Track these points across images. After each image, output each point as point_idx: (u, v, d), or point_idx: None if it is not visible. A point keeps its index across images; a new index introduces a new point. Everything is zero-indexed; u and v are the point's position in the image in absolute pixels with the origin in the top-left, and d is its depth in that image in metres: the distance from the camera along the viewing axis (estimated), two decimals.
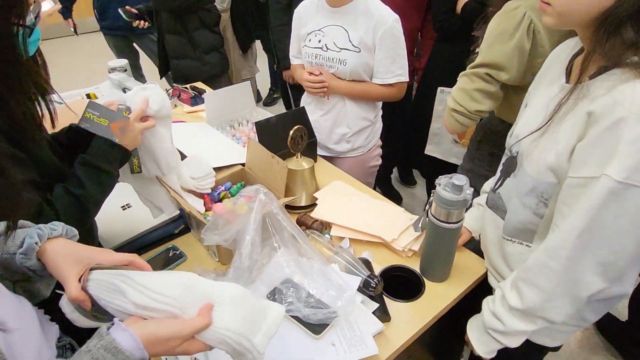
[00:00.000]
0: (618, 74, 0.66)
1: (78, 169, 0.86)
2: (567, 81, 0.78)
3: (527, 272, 0.78)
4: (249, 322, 0.59)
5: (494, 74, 1.16)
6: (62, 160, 0.89)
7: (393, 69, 1.45)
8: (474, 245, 1.11)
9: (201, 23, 2.29)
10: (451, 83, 1.35)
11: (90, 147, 0.90)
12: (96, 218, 1.01)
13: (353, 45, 1.43)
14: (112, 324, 0.54)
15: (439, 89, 1.99)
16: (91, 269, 0.60)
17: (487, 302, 0.87)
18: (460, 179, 0.89)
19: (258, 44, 3.11)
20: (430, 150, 2.19)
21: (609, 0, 0.65)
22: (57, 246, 0.62)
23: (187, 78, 2.32)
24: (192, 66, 2.35)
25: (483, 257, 1.11)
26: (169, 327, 0.55)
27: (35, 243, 0.61)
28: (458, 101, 1.23)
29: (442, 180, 0.91)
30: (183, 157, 1.19)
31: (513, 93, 1.23)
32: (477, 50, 1.23)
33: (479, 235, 1.06)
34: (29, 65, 0.80)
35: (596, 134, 0.66)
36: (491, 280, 0.98)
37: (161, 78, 2.73)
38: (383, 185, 2.66)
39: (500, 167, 0.93)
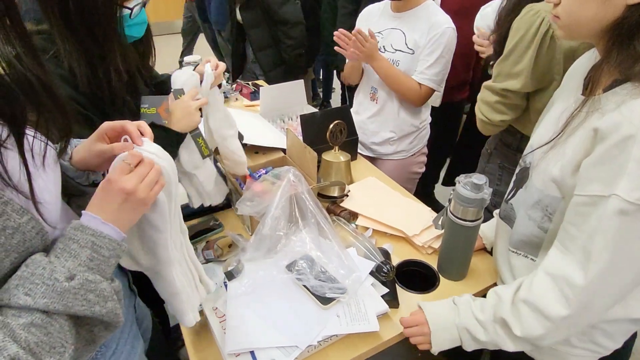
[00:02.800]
0: (629, 88, 0.64)
1: None
2: (584, 93, 0.76)
3: (533, 295, 0.73)
4: None
5: (510, 86, 1.10)
6: None
7: (427, 71, 1.49)
8: None
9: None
10: None
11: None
12: None
13: (408, 47, 1.49)
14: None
15: None
16: None
17: (469, 304, 0.84)
18: (480, 179, 0.91)
19: None
20: None
21: (616, 11, 0.64)
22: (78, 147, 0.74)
23: (273, 63, 2.45)
24: (274, 53, 2.46)
25: None
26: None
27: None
28: (483, 112, 1.19)
29: (462, 179, 0.94)
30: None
31: (529, 103, 1.16)
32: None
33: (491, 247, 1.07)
34: (128, 48, 0.94)
35: (603, 150, 0.64)
36: None
37: (235, 80, 2.94)
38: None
39: (514, 178, 0.93)
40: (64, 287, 0.52)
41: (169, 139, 0.95)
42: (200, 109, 1.00)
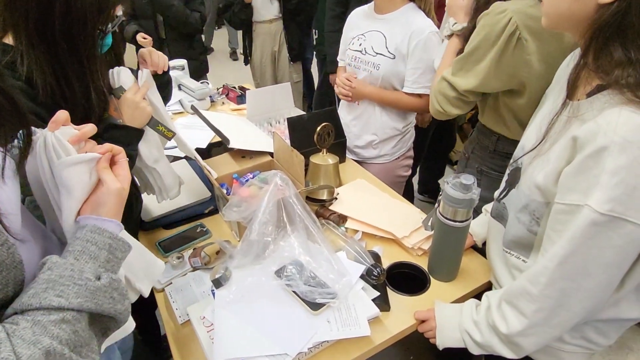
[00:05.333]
0: (609, 95, 0.63)
1: None
2: (567, 96, 0.73)
3: (510, 294, 0.77)
4: None
5: (469, 85, 1.05)
6: None
7: (421, 80, 1.49)
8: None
9: None
10: None
11: (103, 135, 0.95)
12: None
13: (389, 51, 1.49)
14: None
15: None
16: None
17: (470, 307, 0.86)
18: (468, 179, 0.91)
19: None
20: None
21: (588, 9, 0.63)
22: None
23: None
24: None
25: None
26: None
27: None
28: (440, 103, 1.12)
29: (450, 179, 0.94)
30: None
31: (499, 100, 1.11)
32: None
33: (484, 245, 1.07)
34: (104, 63, 0.94)
35: (580, 160, 0.64)
36: None
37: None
38: None
39: (505, 177, 0.92)
40: (96, 286, 0.53)
41: (130, 137, 0.98)
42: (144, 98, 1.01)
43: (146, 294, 0.76)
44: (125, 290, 0.59)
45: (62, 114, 0.63)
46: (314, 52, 3.21)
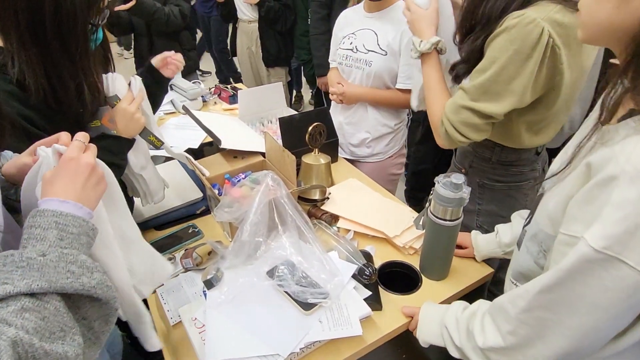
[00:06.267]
0: (636, 122, 0.55)
1: None
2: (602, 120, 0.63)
3: (493, 307, 0.72)
4: None
5: (500, 109, 0.93)
6: None
7: (412, 76, 1.49)
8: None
9: None
10: None
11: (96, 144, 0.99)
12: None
13: (380, 48, 1.49)
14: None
15: None
16: None
17: (458, 306, 0.83)
18: (458, 178, 0.92)
19: None
20: None
21: (632, 20, 0.55)
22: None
23: None
24: None
25: (486, 263, 1.11)
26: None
27: None
28: (464, 134, 0.98)
29: (441, 179, 0.94)
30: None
31: (513, 116, 1.00)
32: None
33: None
34: (97, 60, 0.93)
35: (588, 188, 0.57)
36: None
37: None
38: None
39: (534, 204, 0.83)
40: (40, 262, 0.50)
41: (121, 147, 0.99)
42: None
43: (146, 296, 0.76)
44: (90, 263, 0.55)
45: (66, 137, 0.65)
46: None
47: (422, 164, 2.22)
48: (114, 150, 0.96)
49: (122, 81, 1.00)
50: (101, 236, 0.62)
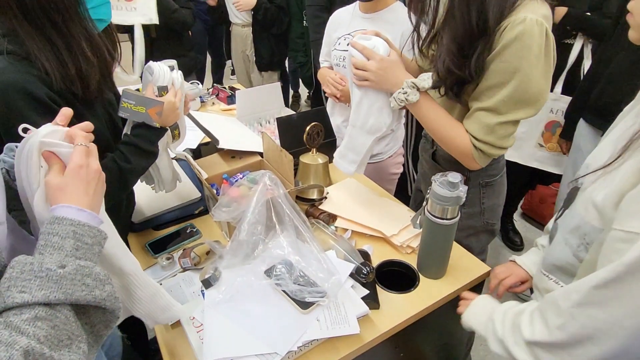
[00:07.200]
0: None
1: (124, 148, 0.98)
2: None
3: (543, 302, 0.70)
4: None
5: (528, 113, 0.94)
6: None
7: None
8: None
9: None
10: None
11: (133, 130, 1.01)
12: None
13: None
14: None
15: None
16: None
17: (511, 303, 0.82)
18: (455, 177, 0.92)
19: None
20: (509, 155, 2.02)
21: None
22: None
23: None
24: None
25: (484, 262, 1.12)
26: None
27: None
28: (500, 145, 0.97)
29: (437, 178, 0.95)
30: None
31: None
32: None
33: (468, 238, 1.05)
34: (94, 31, 0.93)
35: None
36: None
37: None
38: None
39: (564, 197, 0.85)
40: (59, 275, 0.51)
41: (158, 136, 1.03)
42: None
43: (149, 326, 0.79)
44: (103, 276, 0.56)
45: (67, 111, 0.65)
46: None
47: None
48: (152, 140, 1.02)
49: (168, 72, 1.03)
50: (105, 229, 0.63)
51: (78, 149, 0.62)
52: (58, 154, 0.61)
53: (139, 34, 2.19)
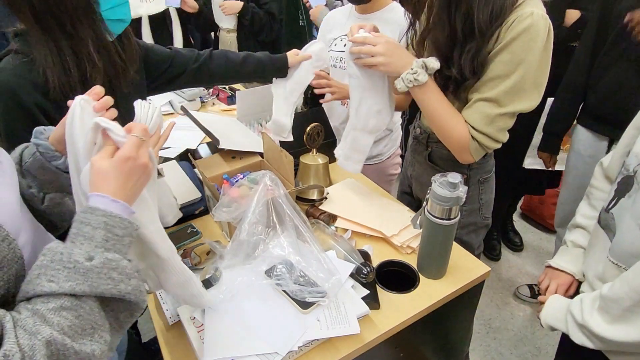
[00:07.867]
0: None
1: None
2: None
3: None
4: None
5: (527, 106, 0.97)
6: None
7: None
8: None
9: None
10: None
11: None
12: None
13: None
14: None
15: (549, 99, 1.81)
16: None
17: (583, 294, 0.86)
18: (455, 177, 0.93)
19: None
20: (529, 163, 2.03)
21: None
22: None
23: None
24: None
25: (482, 255, 1.12)
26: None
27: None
28: (498, 138, 1.01)
29: (437, 178, 0.95)
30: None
31: None
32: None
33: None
34: (105, 39, 0.92)
35: None
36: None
37: None
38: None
39: (614, 187, 0.87)
40: (86, 267, 0.52)
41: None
42: None
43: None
44: (129, 269, 0.56)
45: (98, 88, 0.65)
46: None
47: None
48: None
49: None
50: (144, 214, 0.64)
51: (131, 140, 0.61)
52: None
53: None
